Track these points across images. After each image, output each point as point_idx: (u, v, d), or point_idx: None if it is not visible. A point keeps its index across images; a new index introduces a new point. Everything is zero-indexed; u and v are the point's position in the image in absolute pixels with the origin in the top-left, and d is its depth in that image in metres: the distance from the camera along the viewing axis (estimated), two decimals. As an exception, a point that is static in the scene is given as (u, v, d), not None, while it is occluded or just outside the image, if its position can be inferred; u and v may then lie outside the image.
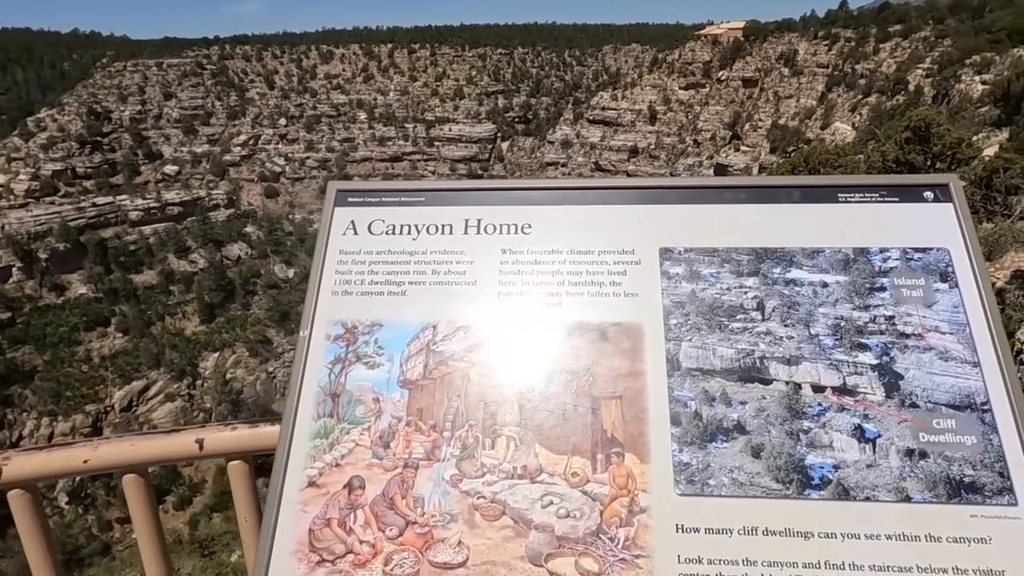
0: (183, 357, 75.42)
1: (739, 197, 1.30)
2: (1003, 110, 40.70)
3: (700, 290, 1.22)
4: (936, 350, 1.14)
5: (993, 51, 61.58)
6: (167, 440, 1.23)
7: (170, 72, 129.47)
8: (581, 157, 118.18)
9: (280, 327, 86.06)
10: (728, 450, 1.10)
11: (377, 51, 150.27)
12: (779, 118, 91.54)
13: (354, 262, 1.31)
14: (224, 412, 71.60)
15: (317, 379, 1.21)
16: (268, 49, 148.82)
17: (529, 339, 1.21)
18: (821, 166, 26.87)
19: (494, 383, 1.19)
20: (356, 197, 1.38)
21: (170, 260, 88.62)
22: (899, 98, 69.80)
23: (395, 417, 1.17)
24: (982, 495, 1.04)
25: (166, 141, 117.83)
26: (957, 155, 22.82)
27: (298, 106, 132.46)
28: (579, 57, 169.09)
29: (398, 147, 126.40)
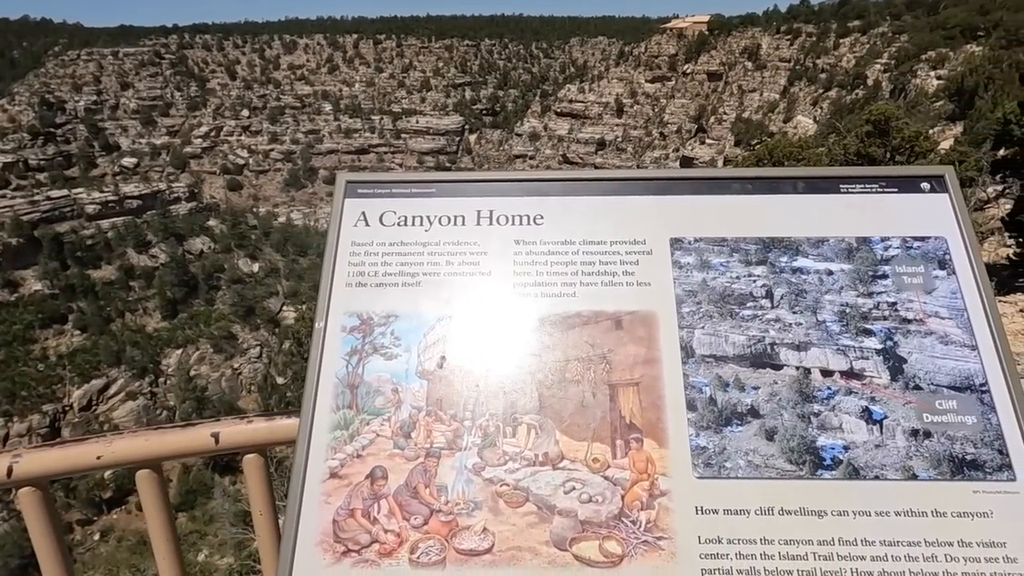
0: (145, 354, 73.62)
1: (746, 188, 1.34)
2: (957, 105, 42.00)
3: (711, 279, 1.25)
4: (937, 334, 1.19)
5: (947, 47, 63.37)
6: (182, 434, 1.21)
7: (127, 61, 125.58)
8: (549, 150, 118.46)
9: (245, 323, 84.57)
10: (743, 434, 1.13)
11: (342, 41, 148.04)
12: (743, 111, 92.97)
13: (367, 253, 1.31)
14: (188, 410, 70.11)
15: (335, 371, 1.21)
16: (229, 38, 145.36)
17: (545, 328, 1.23)
18: (785, 159, 27.41)
19: (512, 372, 1.20)
20: (366, 188, 1.38)
21: (129, 255, 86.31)
22: (858, 92, 71.43)
23: (415, 407, 1.18)
24: (983, 472, 1.09)
25: (123, 133, 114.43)
26: (915, 148, 23.50)
27: (261, 97, 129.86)
28: (546, 49, 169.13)
29: (365, 139, 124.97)
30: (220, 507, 31.95)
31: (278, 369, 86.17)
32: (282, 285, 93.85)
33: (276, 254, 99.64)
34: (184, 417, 69.43)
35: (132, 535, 40.65)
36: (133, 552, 29.10)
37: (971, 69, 46.68)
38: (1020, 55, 43.87)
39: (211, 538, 31.65)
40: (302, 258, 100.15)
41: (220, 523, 27.49)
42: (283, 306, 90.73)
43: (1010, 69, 41.09)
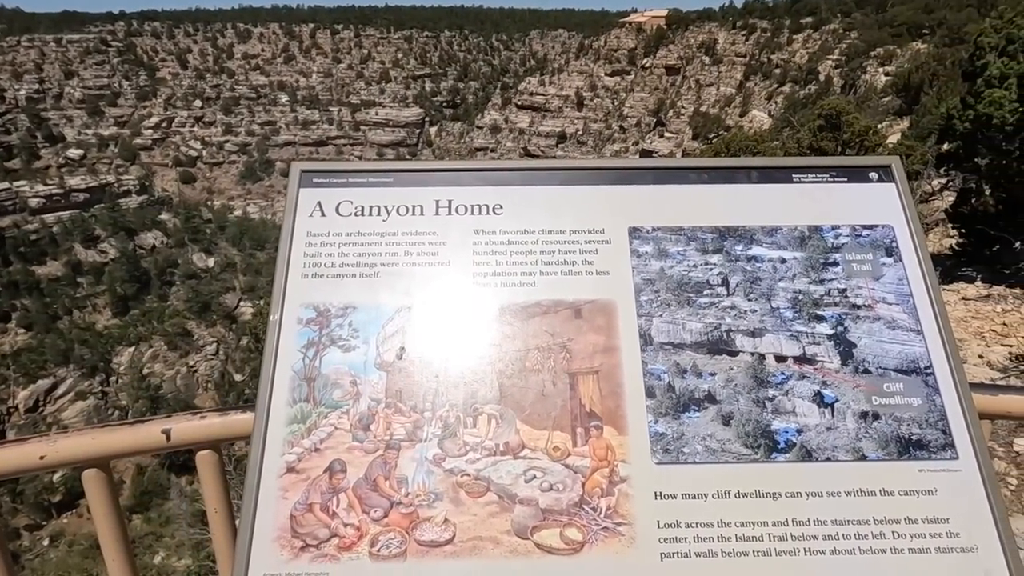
0: (95, 353, 71.26)
1: (702, 178, 1.35)
2: (904, 100, 43.44)
3: (668, 267, 1.27)
4: (884, 320, 1.23)
5: (894, 44, 65.33)
6: (132, 432, 1.17)
7: (71, 49, 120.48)
8: (510, 143, 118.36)
9: (201, 319, 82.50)
10: (700, 419, 1.15)
11: (298, 31, 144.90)
12: (700, 105, 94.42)
13: (323, 244, 1.29)
14: (142, 409, 68.18)
15: (291, 364, 1.18)
16: (180, 26, 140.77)
17: (505, 318, 1.23)
18: (741, 152, 27.98)
19: (472, 362, 1.20)
20: (322, 178, 1.35)
21: (77, 250, 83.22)
22: (811, 87, 73.19)
23: (374, 399, 1.16)
24: (928, 451, 1.13)
25: (68, 123, 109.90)
26: (865, 142, 24.26)
27: (215, 87, 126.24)
28: (506, 42, 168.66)
29: (323, 131, 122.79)
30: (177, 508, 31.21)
31: (236, 366, 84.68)
32: (239, 280, 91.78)
33: (232, 248, 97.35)
34: (137, 416, 67.45)
35: (84, 539, 39.45)
36: (85, 557, 28.19)
37: (917, 66, 48.25)
38: (962, 53, 45.54)
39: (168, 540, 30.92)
40: (259, 252, 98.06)
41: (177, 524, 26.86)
42: (240, 301, 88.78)
43: (953, 66, 42.64)
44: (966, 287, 8.81)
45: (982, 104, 8.23)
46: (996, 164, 8.70)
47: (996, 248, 9.79)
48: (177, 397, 73.25)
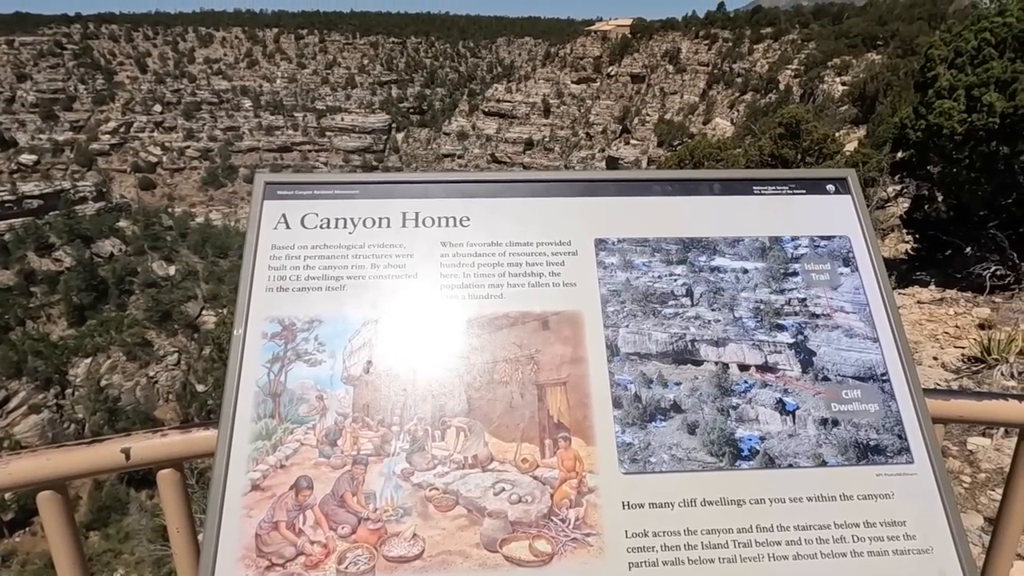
0: (49, 364, 68.92)
1: (666, 190, 1.38)
2: (860, 109, 44.79)
3: (634, 279, 1.28)
4: (842, 328, 1.26)
5: (850, 55, 67.24)
6: (89, 451, 1.14)
7: (23, 51, 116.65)
8: (477, 149, 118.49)
9: (161, 328, 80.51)
10: (666, 429, 1.17)
11: (262, 35, 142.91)
12: (665, 113, 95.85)
13: (288, 257, 1.27)
14: (100, 422, 66.16)
15: (255, 379, 1.16)
16: (139, 29, 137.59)
17: (473, 330, 1.23)
18: (705, 159, 28.46)
19: (440, 375, 1.19)
20: (286, 190, 1.33)
21: (30, 258, 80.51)
22: (771, 96, 74.90)
23: (340, 414, 1.15)
24: (885, 456, 1.17)
25: (21, 128, 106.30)
26: (823, 150, 24.88)
27: (175, 92, 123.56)
28: (473, 49, 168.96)
29: (287, 137, 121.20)
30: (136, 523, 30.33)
31: (198, 376, 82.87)
32: (201, 288, 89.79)
33: (194, 256, 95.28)
34: (95, 430, 65.48)
35: (38, 558, 38.10)
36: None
37: (872, 76, 49.74)
38: (914, 63, 47.14)
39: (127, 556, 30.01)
40: (222, 260, 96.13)
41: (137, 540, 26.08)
42: (202, 310, 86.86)
43: (906, 76, 44.13)
44: (920, 291, 9.10)
45: (933, 114, 8.53)
46: (947, 172, 9.02)
47: (948, 253, 10.14)
48: (136, 409, 71.31)
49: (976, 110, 8.18)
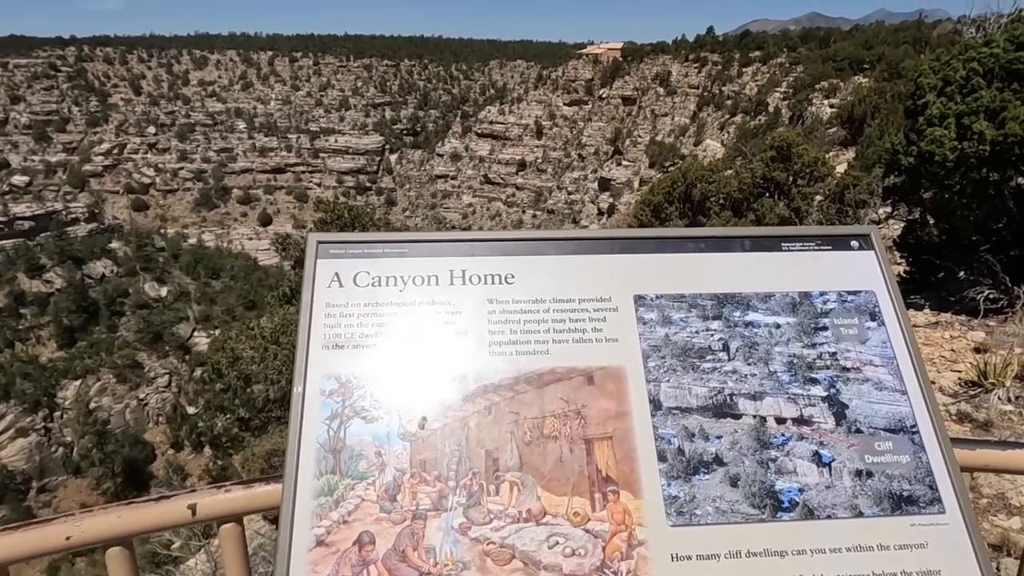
0: (38, 387, 68.13)
1: (699, 247, 1.44)
2: (848, 131, 45.47)
3: (672, 334, 1.35)
4: (872, 381, 1.32)
5: (837, 78, 68.27)
6: (157, 508, 1.17)
7: (17, 73, 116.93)
8: (470, 170, 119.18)
9: (152, 350, 79.86)
10: (710, 481, 1.22)
11: (256, 58, 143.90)
12: (656, 135, 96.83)
13: (342, 315, 1.32)
14: (88, 445, 65.30)
15: (315, 436, 1.21)
16: (133, 52, 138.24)
17: (521, 386, 1.28)
18: (697, 181, 28.63)
19: (492, 430, 1.24)
20: (338, 249, 1.39)
21: (20, 280, 79.96)
22: (761, 118, 75.79)
23: (399, 470, 1.20)
24: (918, 506, 1.22)
25: (14, 149, 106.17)
26: (814, 172, 25.14)
27: (169, 113, 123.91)
28: (466, 71, 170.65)
29: (281, 158, 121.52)
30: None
31: (188, 398, 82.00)
32: (193, 309, 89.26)
33: (186, 277, 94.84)
34: (83, 453, 64.58)
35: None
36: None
37: (859, 99, 50.47)
38: (900, 87, 47.95)
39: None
40: (214, 280, 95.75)
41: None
42: (194, 331, 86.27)
43: (892, 99, 44.88)
44: (916, 314, 9.21)
45: (924, 142, 8.70)
46: (939, 197, 9.17)
47: (941, 276, 10.28)
48: (126, 432, 70.47)
49: (967, 138, 8.37)
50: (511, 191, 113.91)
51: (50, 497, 63.29)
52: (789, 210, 23.53)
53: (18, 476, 62.01)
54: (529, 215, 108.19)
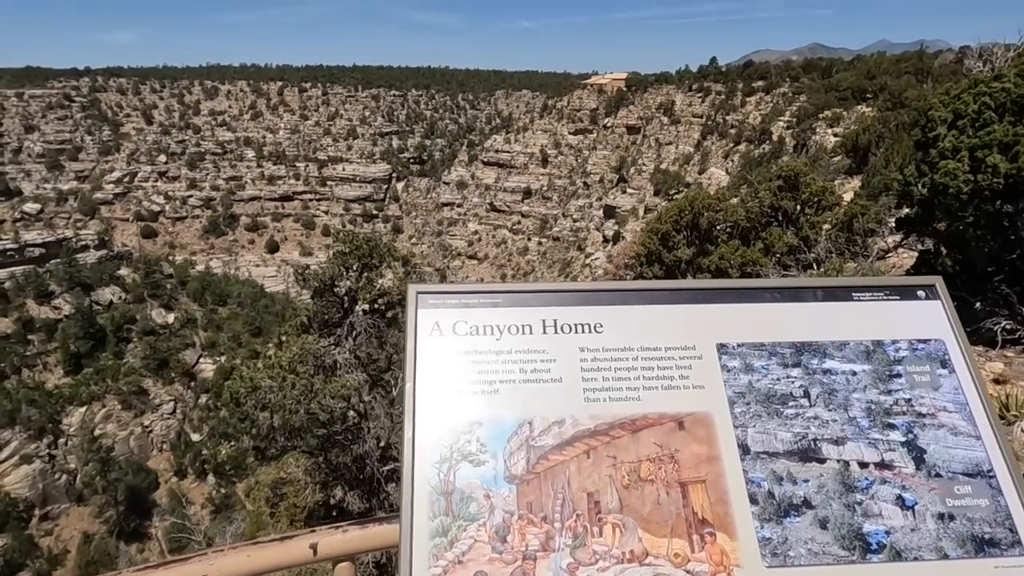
0: (43, 413, 68.00)
1: (775, 297, 1.53)
2: (853, 160, 45.76)
3: (755, 381, 1.42)
4: (947, 427, 1.39)
5: (841, 107, 68.87)
6: (282, 547, 1.24)
7: (32, 103, 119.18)
8: (476, 198, 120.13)
9: (158, 376, 79.82)
10: (800, 524, 1.29)
11: (266, 88, 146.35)
12: (661, 163, 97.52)
13: (445, 363, 1.40)
14: (92, 472, 64.97)
15: (427, 479, 1.29)
16: (146, 83, 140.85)
17: (617, 432, 1.35)
18: (704, 210, 28.78)
19: (592, 474, 1.31)
20: (436, 299, 1.48)
21: (29, 306, 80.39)
22: (765, 147, 76.33)
23: (507, 512, 1.27)
24: (999, 548, 1.28)
25: (26, 177, 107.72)
26: (822, 202, 25.27)
27: (180, 143, 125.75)
28: (472, 101, 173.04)
29: (289, 186, 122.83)
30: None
31: (193, 425, 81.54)
32: (199, 336, 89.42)
33: (193, 303, 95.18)
34: (86, 481, 64.21)
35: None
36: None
37: (863, 128, 50.86)
38: (904, 116, 48.38)
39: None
40: (221, 307, 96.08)
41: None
42: (200, 358, 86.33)
43: (897, 129, 45.25)
44: (933, 345, 9.22)
45: (938, 174, 8.81)
46: (953, 229, 9.25)
47: (956, 306, 10.31)
48: (129, 459, 70.15)
49: (980, 171, 8.48)
50: (517, 218, 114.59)
51: (52, 525, 62.79)
52: (798, 239, 23.64)
53: (21, 503, 61.61)
54: (535, 242, 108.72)
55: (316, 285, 10.05)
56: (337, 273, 10.07)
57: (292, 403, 9.11)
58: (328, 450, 10.66)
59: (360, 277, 10.62)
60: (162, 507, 67.72)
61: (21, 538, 59.12)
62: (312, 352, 9.89)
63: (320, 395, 9.37)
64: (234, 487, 67.54)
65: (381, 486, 10.78)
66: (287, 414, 9.13)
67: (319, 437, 10.59)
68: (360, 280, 10.63)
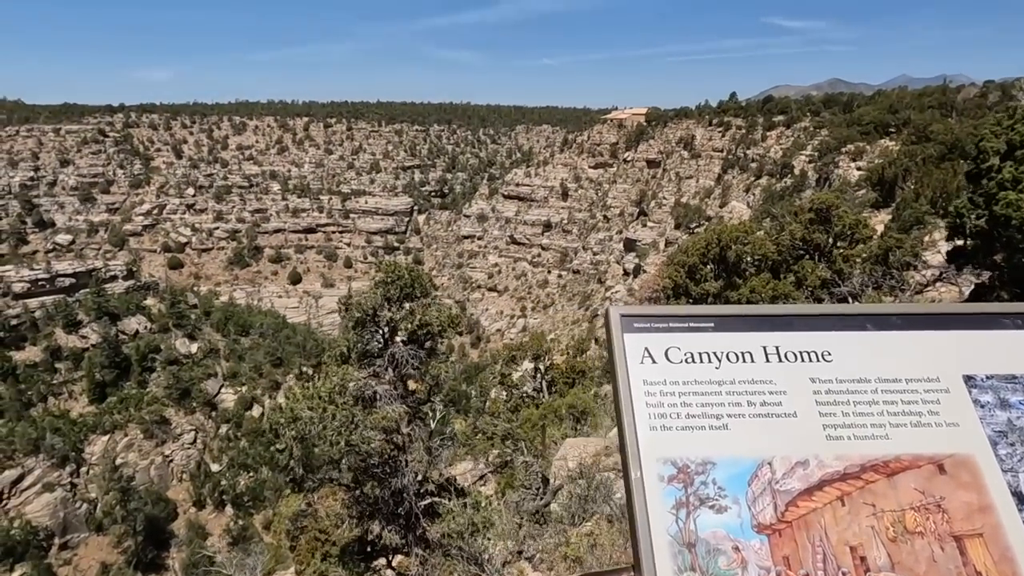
0: (67, 441, 68.45)
1: (1016, 323, 1.36)
2: (879, 194, 45.30)
3: (1015, 419, 1.25)
4: None
5: (864, 141, 68.70)
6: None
7: (68, 138, 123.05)
8: (497, 231, 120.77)
9: (180, 406, 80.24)
10: (1102, 586, 1.10)
11: (292, 124, 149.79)
12: (681, 196, 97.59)
13: (662, 394, 1.25)
14: (112, 501, 64.94)
15: (664, 527, 1.12)
16: (177, 118, 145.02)
17: (870, 475, 1.19)
18: (732, 243, 28.52)
19: (851, 524, 1.14)
20: (642, 323, 1.33)
21: (57, 335, 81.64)
22: (787, 180, 76.13)
23: (762, 567, 1.10)
24: None
25: (60, 209, 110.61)
26: (855, 235, 24.88)
27: (208, 176, 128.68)
28: (493, 135, 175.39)
29: (312, 219, 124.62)
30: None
31: (213, 455, 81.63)
32: (221, 366, 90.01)
33: (216, 334, 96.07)
34: (106, 511, 64.16)
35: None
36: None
37: (889, 162, 50.55)
38: (931, 149, 48.00)
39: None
40: (244, 338, 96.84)
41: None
42: (221, 388, 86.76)
43: (924, 163, 44.88)
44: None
45: (999, 205, 8.57)
46: (1016, 261, 8.97)
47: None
48: (150, 489, 70.14)
49: (1045, 202, 8.24)
50: (537, 251, 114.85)
51: (71, 555, 62.63)
52: (831, 272, 23.25)
53: (41, 532, 61.63)
54: (555, 275, 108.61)
55: (358, 315, 9.97)
56: (379, 303, 9.99)
57: (333, 434, 8.97)
58: (364, 483, 10.46)
59: (400, 307, 10.54)
60: (179, 538, 67.37)
61: (40, 567, 59.02)
62: (352, 383, 9.77)
63: (361, 427, 9.22)
64: (251, 518, 67.10)
65: (419, 521, 10.54)
66: (328, 445, 8.98)
67: (355, 470, 10.43)
68: (400, 310, 10.54)
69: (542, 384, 27.22)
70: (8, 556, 58.27)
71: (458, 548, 10.13)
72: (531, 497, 12.56)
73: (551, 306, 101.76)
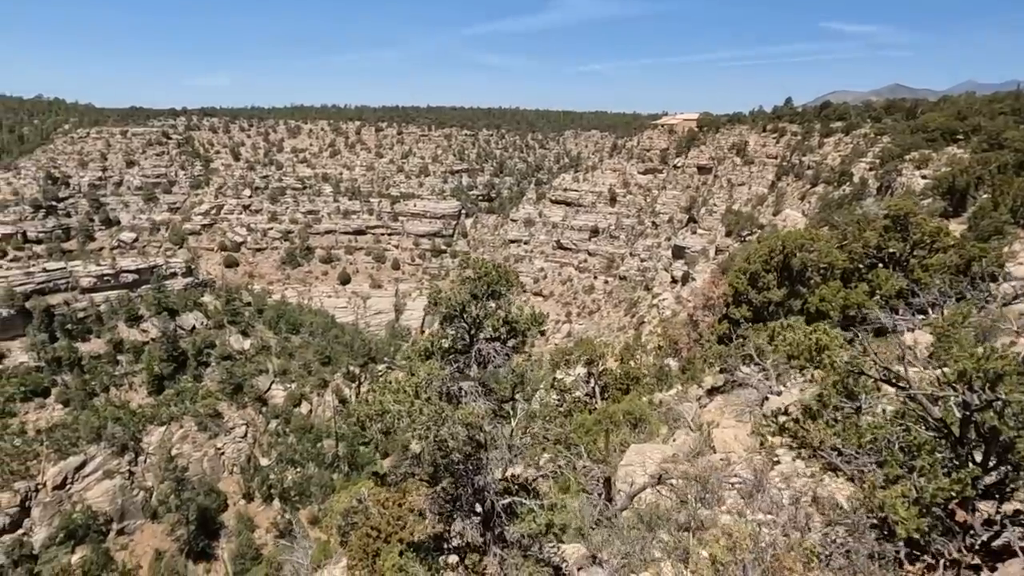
0: (126, 431, 71.23)
1: None
2: (949, 202, 43.45)
3: None
4: None
5: (930, 148, 66.21)
6: None
7: (134, 140, 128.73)
8: (543, 235, 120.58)
9: (232, 400, 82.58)
10: None
11: (345, 128, 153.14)
12: (733, 203, 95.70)
13: None
14: (167, 491, 67.15)
15: None
16: (236, 122, 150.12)
17: None
18: (797, 250, 27.64)
19: None
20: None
21: (120, 328, 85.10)
22: (845, 188, 73.86)
23: None
24: None
25: (124, 208, 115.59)
26: (935, 243, 23.81)
27: (263, 178, 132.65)
28: (541, 140, 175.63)
29: (362, 221, 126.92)
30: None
31: (262, 450, 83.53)
32: (272, 363, 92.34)
33: (268, 331, 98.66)
34: (161, 499, 66.34)
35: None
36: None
37: (960, 170, 48.51)
38: (1007, 157, 45.97)
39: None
40: (294, 336, 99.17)
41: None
42: (272, 384, 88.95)
43: (999, 171, 42.94)
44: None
45: None
46: None
47: None
48: (202, 480, 72.28)
49: None
50: (583, 256, 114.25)
51: (127, 540, 64.94)
52: (908, 281, 22.30)
53: (100, 517, 64.14)
54: (601, 281, 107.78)
55: (445, 311, 10.02)
56: (467, 299, 10.02)
57: (422, 428, 8.99)
58: (442, 479, 10.48)
59: (486, 304, 10.55)
60: (229, 529, 69.18)
61: (99, 551, 61.42)
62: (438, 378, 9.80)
63: (450, 422, 9.23)
64: (298, 512, 68.40)
65: (500, 520, 10.50)
66: (417, 439, 9.02)
67: (437, 466, 10.46)
68: (485, 307, 10.55)
69: (594, 389, 26.92)
70: (70, 539, 60.87)
71: (539, 548, 10.07)
72: (594, 503, 12.40)
73: (596, 312, 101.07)
